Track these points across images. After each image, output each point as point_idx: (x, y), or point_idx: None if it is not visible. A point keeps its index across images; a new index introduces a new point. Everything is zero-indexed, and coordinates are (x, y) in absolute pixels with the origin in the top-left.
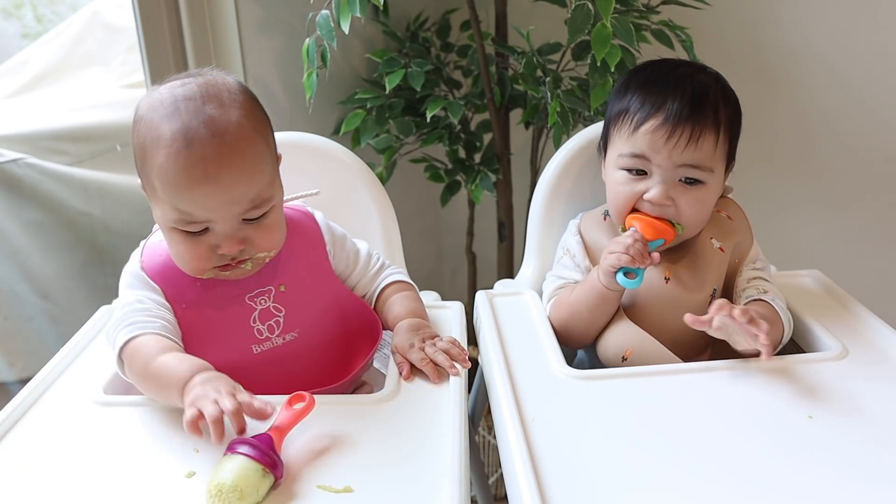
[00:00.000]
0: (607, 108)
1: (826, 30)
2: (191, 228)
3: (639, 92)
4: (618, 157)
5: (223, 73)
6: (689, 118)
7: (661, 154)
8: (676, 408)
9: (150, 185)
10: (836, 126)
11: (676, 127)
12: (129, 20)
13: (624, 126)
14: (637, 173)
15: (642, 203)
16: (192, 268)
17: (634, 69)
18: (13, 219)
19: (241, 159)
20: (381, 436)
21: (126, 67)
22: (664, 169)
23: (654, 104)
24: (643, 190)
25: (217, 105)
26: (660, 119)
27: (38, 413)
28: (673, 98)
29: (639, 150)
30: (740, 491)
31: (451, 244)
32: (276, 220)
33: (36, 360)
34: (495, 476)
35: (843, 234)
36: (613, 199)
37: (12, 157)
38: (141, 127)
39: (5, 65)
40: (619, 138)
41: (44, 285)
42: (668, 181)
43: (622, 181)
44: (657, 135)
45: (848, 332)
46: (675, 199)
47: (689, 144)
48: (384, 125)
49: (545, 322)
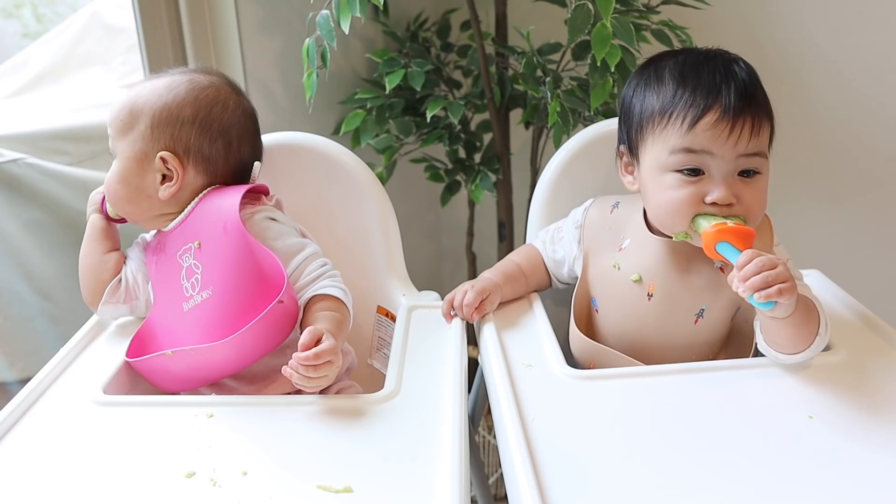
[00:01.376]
0: (630, 108)
1: (826, 29)
2: None
3: (681, 86)
4: (668, 158)
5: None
6: (747, 107)
7: (725, 147)
8: (676, 408)
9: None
10: (836, 126)
11: (737, 118)
12: (129, 20)
13: (673, 124)
14: (690, 173)
15: (702, 207)
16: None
17: (654, 63)
18: (13, 219)
19: None
20: (381, 436)
21: (126, 67)
22: (726, 162)
23: (707, 96)
24: (703, 192)
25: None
26: (718, 112)
27: (38, 413)
28: (726, 88)
29: (698, 145)
30: (740, 491)
31: (451, 244)
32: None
33: (36, 360)
34: (495, 476)
35: (843, 234)
36: (667, 206)
37: (12, 157)
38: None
39: (5, 65)
40: (667, 137)
41: (44, 285)
42: (728, 178)
43: (676, 185)
44: (719, 128)
45: (848, 331)
46: (739, 195)
47: (752, 135)
48: (384, 125)
49: (545, 322)
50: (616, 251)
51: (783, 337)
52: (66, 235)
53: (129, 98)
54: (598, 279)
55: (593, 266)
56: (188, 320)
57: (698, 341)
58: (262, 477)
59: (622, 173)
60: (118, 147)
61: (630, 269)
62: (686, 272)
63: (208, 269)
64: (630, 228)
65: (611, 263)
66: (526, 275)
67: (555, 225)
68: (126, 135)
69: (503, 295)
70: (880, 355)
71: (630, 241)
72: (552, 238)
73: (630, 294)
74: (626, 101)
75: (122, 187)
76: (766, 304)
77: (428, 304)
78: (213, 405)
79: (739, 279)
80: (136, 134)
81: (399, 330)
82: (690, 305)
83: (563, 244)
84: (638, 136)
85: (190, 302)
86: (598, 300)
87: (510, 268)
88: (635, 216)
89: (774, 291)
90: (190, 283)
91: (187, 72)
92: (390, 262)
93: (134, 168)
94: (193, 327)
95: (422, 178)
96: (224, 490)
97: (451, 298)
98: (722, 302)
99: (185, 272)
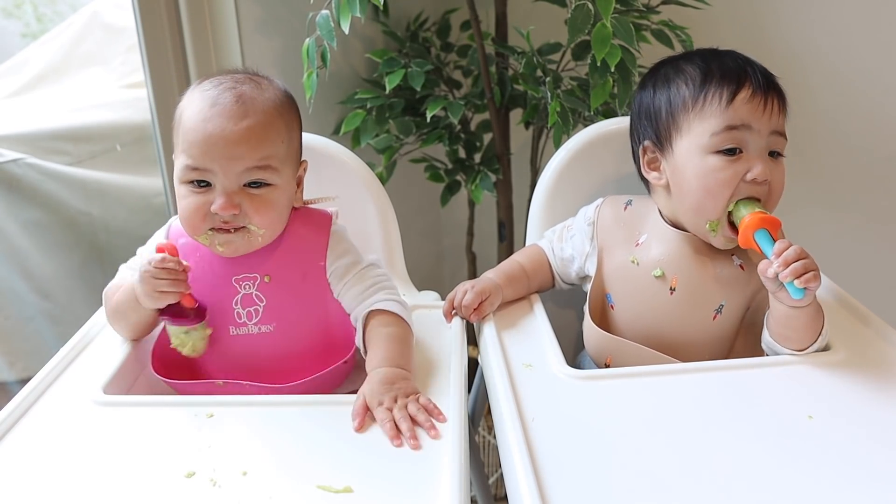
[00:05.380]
0: (655, 106)
1: (826, 30)
2: (195, 176)
3: (709, 72)
4: (709, 139)
5: (280, 82)
6: (772, 85)
7: (762, 120)
8: (676, 408)
9: (176, 142)
10: (836, 126)
11: (767, 93)
12: (129, 20)
13: (711, 102)
14: (729, 153)
15: (740, 186)
16: (190, 224)
17: (667, 64)
18: (13, 219)
19: (254, 122)
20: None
21: (126, 67)
22: (762, 136)
23: (737, 75)
24: (744, 170)
25: (253, 87)
26: (751, 87)
27: (38, 413)
28: (751, 69)
29: (739, 119)
30: (740, 491)
31: (451, 244)
32: (274, 199)
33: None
34: (495, 476)
35: (843, 235)
36: (713, 187)
37: (12, 157)
38: (184, 98)
39: (5, 65)
40: (705, 117)
41: (44, 285)
42: (763, 154)
43: (720, 166)
44: (755, 101)
45: (848, 331)
46: (769, 175)
47: (781, 110)
48: (384, 125)
49: (545, 322)
50: (633, 246)
51: (796, 329)
52: (66, 235)
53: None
54: (615, 275)
55: (608, 262)
56: (234, 346)
57: (713, 338)
58: (262, 477)
59: (646, 170)
60: None
61: (650, 263)
62: (708, 266)
63: (274, 306)
64: (647, 224)
65: (628, 259)
66: (529, 275)
67: (562, 224)
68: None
69: (504, 296)
70: (880, 355)
71: (647, 236)
72: (560, 236)
73: (650, 289)
74: (646, 102)
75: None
76: (799, 292)
77: (428, 304)
78: (213, 405)
79: (780, 264)
80: None
81: None
82: (711, 300)
83: (574, 242)
84: (670, 126)
85: (241, 329)
86: (613, 296)
87: (513, 268)
88: (651, 212)
89: (812, 276)
90: (246, 311)
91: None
92: (390, 262)
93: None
94: (240, 355)
95: (422, 178)
96: (224, 490)
97: (452, 297)
98: (739, 299)
99: (240, 298)
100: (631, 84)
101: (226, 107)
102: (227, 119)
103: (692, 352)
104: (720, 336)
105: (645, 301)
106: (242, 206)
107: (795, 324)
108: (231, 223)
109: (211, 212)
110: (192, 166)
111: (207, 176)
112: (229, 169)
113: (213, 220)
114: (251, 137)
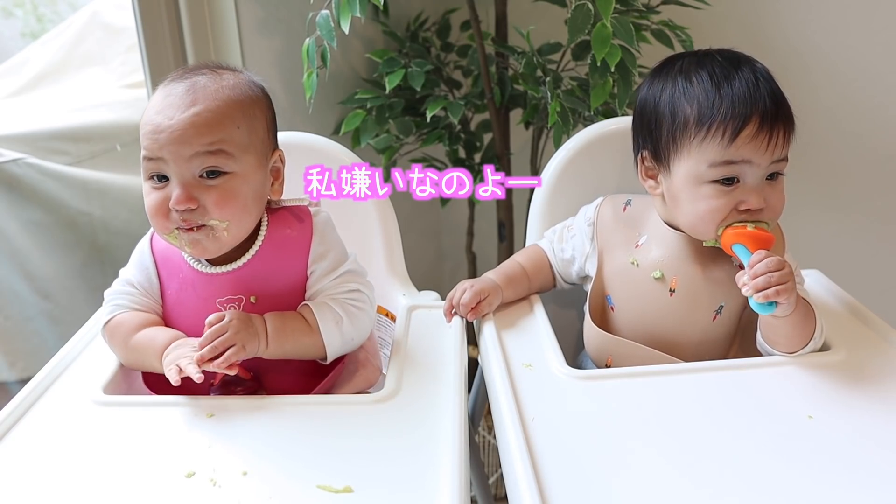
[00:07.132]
0: (659, 115)
1: (826, 29)
2: (152, 168)
3: (717, 95)
4: (707, 170)
5: (251, 73)
6: (779, 115)
7: (764, 156)
8: (676, 408)
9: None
10: (836, 126)
11: (774, 127)
12: (129, 20)
13: (714, 136)
14: (726, 182)
15: (732, 214)
16: (155, 223)
17: (676, 66)
18: (13, 219)
19: (202, 108)
20: (381, 436)
21: (126, 67)
22: (761, 169)
23: (745, 106)
24: (738, 199)
25: (211, 77)
26: (757, 122)
27: (38, 413)
28: (761, 97)
29: (739, 157)
30: (740, 491)
31: (451, 244)
32: (234, 188)
33: (36, 360)
34: (495, 476)
35: (843, 234)
36: (704, 215)
37: (12, 157)
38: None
39: (5, 65)
40: (705, 150)
41: (44, 285)
42: (760, 183)
43: (715, 194)
44: (759, 139)
45: (848, 332)
46: (767, 198)
47: (784, 141)
48: (384, 125)
49: (545, 322)
50: (632, 248)
51: (780, 335)
52: (67, 235)
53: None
54: (615, 276)
55: (608, 264)
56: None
57: (713, 338)
58: (262, 477)
59: (642, 177)
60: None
61: (649, 265)
62: (708, 266)
63: None
64: (646, 225)
65: (628, 260)
66: (529, 276)
67: (563, 224)
68: None
69: (504, 297)
70: (880, 355)
71: (647, 238)
72: (560, 237)
73: (651, 290)
74: (650, 105)
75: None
76: (763, 308)
77: (428, 304)
78: (213, 405)
79: (748, 277)
80: None
81: (399, 330)
82: (711, 301)
83: (574, 242)
84: (670, 145)
85: None
86: (613, 297)
87: (513, 269)
88: (650, 212)
89: (773, 293)
90: None
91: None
92: (390, 261)
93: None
94: (231, 378)
95: None
96: (224, 490)
97: (451, 296)
98: (739, 299)
99: None
100: (631, 84)
101: (177, 96)
102: (175, 108)
103: (692, 353)
104: (720, 337)
105: (645, 303)
106: (201, 200)
107: (780, 331)
108: (191, 220)
109: (170, 209)
110: (146, 156)
111: (162, 167)
112: (178, 154)
113: (176, 219)
114: (198, 122)
